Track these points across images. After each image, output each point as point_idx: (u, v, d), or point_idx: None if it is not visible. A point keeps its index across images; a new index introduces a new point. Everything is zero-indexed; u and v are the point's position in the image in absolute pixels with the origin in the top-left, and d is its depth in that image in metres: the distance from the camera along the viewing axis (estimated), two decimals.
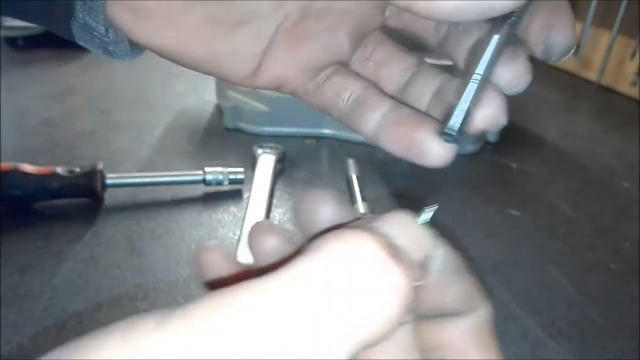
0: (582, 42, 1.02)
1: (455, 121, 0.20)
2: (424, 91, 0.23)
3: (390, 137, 0.22)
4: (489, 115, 0.20)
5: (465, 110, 0.20)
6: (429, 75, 0.23)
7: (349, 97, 0.24)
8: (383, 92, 0.24)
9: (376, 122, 0.23)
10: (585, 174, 0.76)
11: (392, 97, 0.24)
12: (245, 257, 0.20)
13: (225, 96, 0.81)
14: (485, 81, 0.20)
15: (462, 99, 0.20)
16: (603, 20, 0.99)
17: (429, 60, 0.24)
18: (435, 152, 0.21)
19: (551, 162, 0.78)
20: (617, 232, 0.63)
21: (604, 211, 0.67)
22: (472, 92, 0.19)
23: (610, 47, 0.99)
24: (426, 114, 0.22)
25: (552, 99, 1.00)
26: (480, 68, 0.19)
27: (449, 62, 0.23)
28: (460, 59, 0.22)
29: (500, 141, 0.80)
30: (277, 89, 0.25)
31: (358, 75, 0.24)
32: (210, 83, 0.88)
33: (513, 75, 0.20)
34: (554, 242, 0.61)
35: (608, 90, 1.04)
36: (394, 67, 0.24)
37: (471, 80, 0.19)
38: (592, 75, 1.07)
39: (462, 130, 0.20)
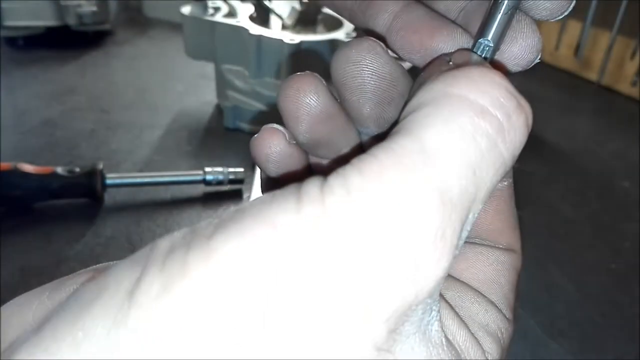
0: (582, 42, 1.02)
1: (492, 33, 0.17)
2: (449, 6, 0.19)
3: (402, 44, 0.19)
4: (524, 50, 0.17)
5: (503, 23, 0.17)
6: None
7: None
8: None
9: (387, 25, 0.19)
10: (585, 174, 0.76)
11: None
12: None
13: (225, 96, 0.81)
14: (517, 9, 0.17)
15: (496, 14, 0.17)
16: (603, 20, 0.99)
17: None
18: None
19: (551, 162, 0.78)
20: (617, 232, 0.63)
21: (604, 211, 0.67)
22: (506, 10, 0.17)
23: (610, 47, 0.99)
24: (446, 18, 0.19)
25: (552, 99, 1.00)
26: None
27: None
28: None
29: None
30: None
31: None
32: (211, 83, 0.88)
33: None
34: (554, 242, 0.61)
35: (608, 90, 1.04)
36: None
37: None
38: (592, 75, 1.06)
39: (495, 49, 0.17)
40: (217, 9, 0.80)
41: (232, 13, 0.80)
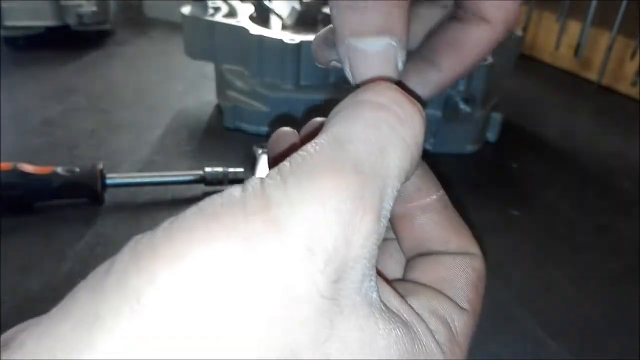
0: (582, 42, 1.02)
1: None
2: None
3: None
4: None
5: None
6: None
7: None
8: None
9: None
10: (585, 174, 0.76)
11: None
12: None
13: (225, 96, 0.81)
14: None
15: None
16: (603, 20, 0.99)
17: None
18: None
19: (551, 162, 0.78)
20: (617, 232, 0.63)
21: (604, 211, 0.67)
22: None
23: (610, 47, 0.99)
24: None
25: (552, 99, 1.00)
26: None
27: None
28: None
29: (500, 141, 0.80)
30: None
31: None
32: (211, 83, 0.88)
33: None
34: (554, 242, 0.61)
35: (608, 90, 1.04)
36: None
37: None
38: (592, 75, 1.07)
39: None
40: (217, 9, 0.80)
41: (232, 13, 0.80)
